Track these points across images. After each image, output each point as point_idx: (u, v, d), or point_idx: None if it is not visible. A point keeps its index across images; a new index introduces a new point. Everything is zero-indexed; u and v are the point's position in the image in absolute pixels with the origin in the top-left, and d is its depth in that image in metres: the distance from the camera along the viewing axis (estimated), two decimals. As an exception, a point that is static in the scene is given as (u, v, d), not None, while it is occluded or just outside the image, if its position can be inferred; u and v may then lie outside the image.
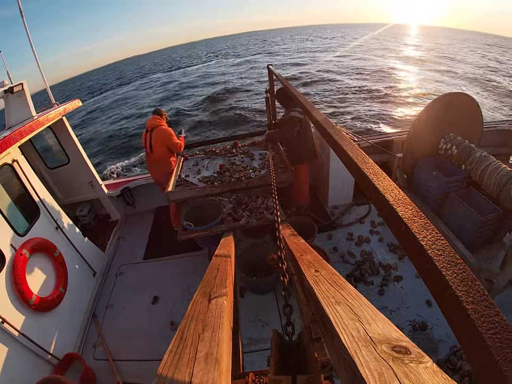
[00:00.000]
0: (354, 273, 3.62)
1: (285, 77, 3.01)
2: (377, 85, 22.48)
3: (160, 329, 3.37)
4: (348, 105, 18.19)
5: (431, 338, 2.88)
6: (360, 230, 4.34)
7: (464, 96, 3.73)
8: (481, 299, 0.38)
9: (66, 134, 4.66)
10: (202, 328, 0.70)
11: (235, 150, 4.59)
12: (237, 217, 3.32)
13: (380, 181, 0.67)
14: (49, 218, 3.61)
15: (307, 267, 1.05)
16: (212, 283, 1.03)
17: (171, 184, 3.70)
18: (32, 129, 3.50)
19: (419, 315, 3.08)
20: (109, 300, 3.92)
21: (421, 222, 0.52)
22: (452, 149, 3.66)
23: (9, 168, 3.26)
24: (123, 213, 5.55)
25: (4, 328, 2.59)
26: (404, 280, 3.47)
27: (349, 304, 0.70)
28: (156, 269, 4.29)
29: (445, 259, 0.44)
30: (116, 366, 3.09)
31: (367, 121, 15.13)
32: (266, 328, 3.20)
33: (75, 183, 5.13)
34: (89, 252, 4.17)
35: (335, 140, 0.95)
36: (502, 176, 3.02)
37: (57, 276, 3.43)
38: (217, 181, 3.72)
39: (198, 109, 20.89)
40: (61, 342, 3.16)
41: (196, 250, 4.31)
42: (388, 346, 0.51)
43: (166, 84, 35.71)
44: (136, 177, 5.41)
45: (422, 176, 3.91)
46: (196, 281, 1.08)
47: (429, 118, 3.68)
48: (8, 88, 3.67)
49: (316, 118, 1.26)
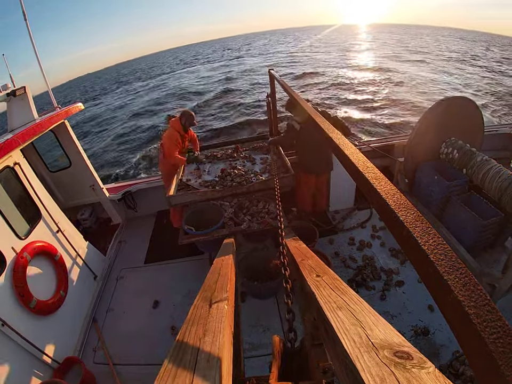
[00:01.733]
0: (355, 278, 3.61)
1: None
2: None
3: (161, 333, 3.36)
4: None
5: (433, 344, 2.86)
6: (362, 234, 4.33)
7: (464, 100, 3.74)
8: (483, 304, 0.38)
9: (68, 138, 4.67)
10: (203, 333, 0.70)
11: (236, 154, 4.60)
12: (238, 221, 3.32)
13: (381, 186, 0.67)
14: (51, 221, 3.62)
15: (308, 272, 1.05)
16: (213, 287, 1.02)
17: (172, 188, 3.71)
18: (34, 133, 3.52)
19: (421, 320, 3.06)
20: (110, 303, 3.91)
21: (422, 227, 0.52)
22: (453, 153, 3.66)
23: (11, 171, 3.27)
24: (124, 217, 5.55)
25: (4, 331, 2.59)
26: (405, 285, 3.45)
27: (350, 309, 0.70)
28: (157, 273, 4.28)
29: (447, 263, 0.44)
30: (116, 370, 3.08)
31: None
32: (268, 333, 3.18)
33: (76, 187, 5.14)
34: (90, 256, 4.16)
35: (336, 145, 0.95)
36: (503, 180, 3.01)
37: (58, 279, 3.43)
38: (218, 185, 3.72)
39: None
40: (61, 345, 3.15)
41: (197, 255, 4.31)
42: (390, 351, 0.51)
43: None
44: (138, 181, 5.42)
45: (423, 180, 3.91)
46: (196, 285, 1.07)
47: (430, 122, 3.69)
48: (10, 91, 3.69)
49: (317, 123, 1.26)
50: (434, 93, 19.00)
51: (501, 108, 16.03)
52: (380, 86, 22.13)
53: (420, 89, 20.44)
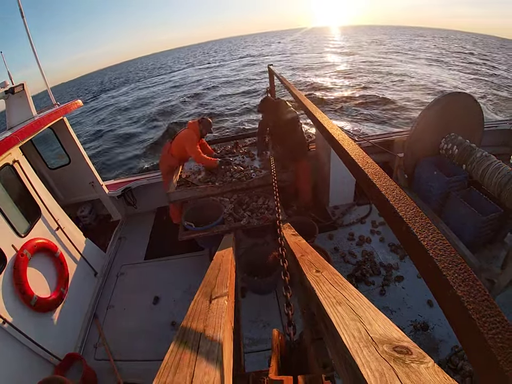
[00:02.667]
0: (355, 273, 3.62)
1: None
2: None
3: (161, 329, 3.37)
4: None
5: (432, 339, 2.88)
6: (361, 230, 4.34)
7: (464, 96, 3.73)
8: (482, 299, 0.38)
9: (67, 134, 4.65)
10: (203, 328, 0.70)
11: (236, 150, 4.60)
12: (238, 217, 3.32)
13: (380, 181, 0.66)
14: (50, 218, 3.62)
15: (308, 267, 1.05)
16: (213, 283, 1.03)
17: (172, 185, 3.70)
18: (33, 130, 3.50)
19: (420, 315, 3.08)
20: (110, 300, 3.92)
21: (422, 222, 0.52)
22: (453, 148, 3.65)
23: (10, 169, 3.26)
24: (124, 213, 5.55)
25: (5, 328, 2.60)
26: (405, 280, 3.46)
27: (350, 304, 0.70)
28: (157, 269, 4.29)
29: (446, 259, 0.44)
30: (117, 366, 3.10)
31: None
32: (268, 328, 3.19)
33: (76, 184, 5.13)
34: (90, 252, 4.17)
35: (336, 140, 0.95)
36: (503, 176, 3.02)
37: (58, 276, 3.43)
38: (218, 181, 3.72)
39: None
40: (61, 342, 3.17)
41: (197, 251, 4.31)
42: (389, 346, 0.51)
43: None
44: (137, 177, 5.41)
45: (423, 176, 3.91)
46: (196, 281, 1.08)
47: (429, 118, 3.68)
48: (9, 88, 3.67)
49: (317, 119, 1.26)
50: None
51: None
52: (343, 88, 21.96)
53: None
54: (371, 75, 24.66)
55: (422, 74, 23.52)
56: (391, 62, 30.89)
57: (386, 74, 24.52)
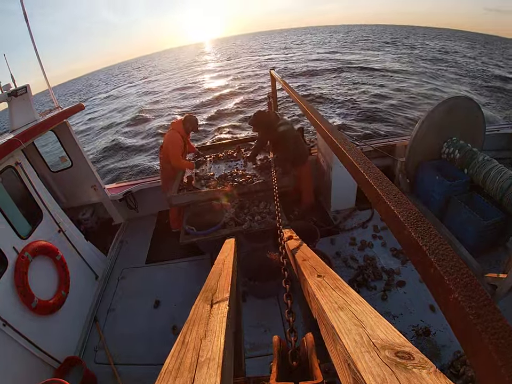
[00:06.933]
0: (357, 278, 3.60)
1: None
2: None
3: (162, 333, 3.36)
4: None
5: (435, 344, 2.85)
6: (363, 234, 4.32)
7: (466, 100, 3.73)
8: (484, 304, 0.38)
9: (69, 137, 4.67)
10: (204, 333, 0.70)
11: (237, 155, 4.60)
12: (239, 221, 3.32)
13: (382, 185, 0.67)
14: (52, 221, 3.62)
15: (310, 272, 1.05)
16: (214, 287, 1.02)
17: (173, 188, 3.71)
18: (35, 133, 3.52)
19: (422, 320, 3.06)
20: (111, 303, 3.91)
21: (423, 227, 0.52)
22: (455, 152, 3.65)
23: (13, 171, 3.28)
24: (125, 217, 5.55)
25: (5, 330, 2.59)
26: (407, 285, 3.44)
27: (351, 309, 0.70)
28: (158, 273, 4.29)
29: (448, 264, 0.44)
30: (117, 370, 3.08)
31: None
32: (269, 333, 3.17)
33: (78, 187, 5.15)
34: (91, 256, 4.17)
35: (338, 145, 0.95)
36: (505, 180, 3.01)
37: (59, 279, 3.43)
38: (219, 186, 3.72)
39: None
40: (62, 345, 3.16)
41: (198, 255, 4.31)
42: (391, 351, 0.51)
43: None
44: (139, 181, 5.43)
45: (424, 180, 3.90)
46: (197, 285, 1.07)
47: (431, 122, 3.68)
48: (11, 91, 3.69)
49: (319, 124, 1.26)
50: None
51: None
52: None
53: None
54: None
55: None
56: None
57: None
